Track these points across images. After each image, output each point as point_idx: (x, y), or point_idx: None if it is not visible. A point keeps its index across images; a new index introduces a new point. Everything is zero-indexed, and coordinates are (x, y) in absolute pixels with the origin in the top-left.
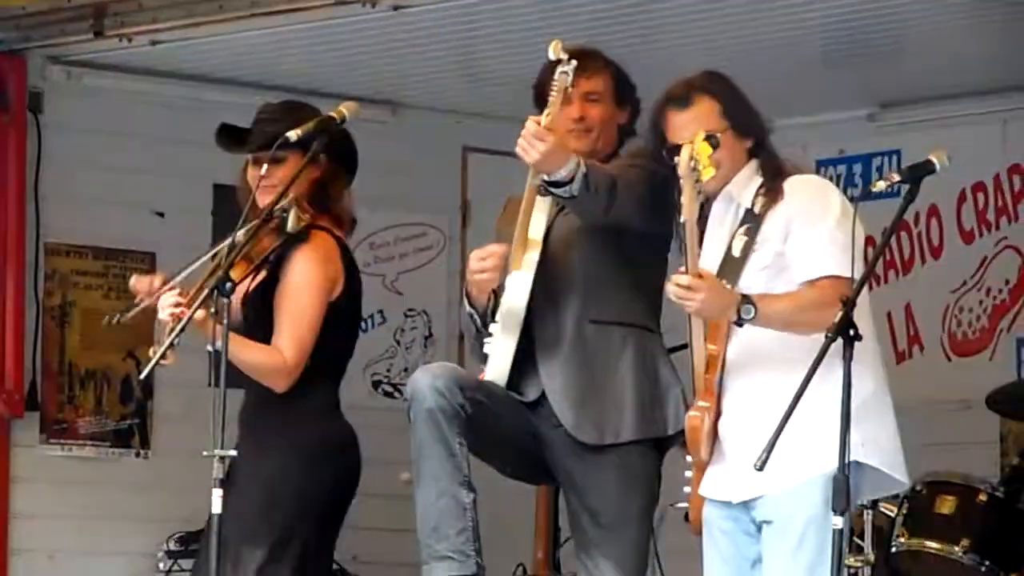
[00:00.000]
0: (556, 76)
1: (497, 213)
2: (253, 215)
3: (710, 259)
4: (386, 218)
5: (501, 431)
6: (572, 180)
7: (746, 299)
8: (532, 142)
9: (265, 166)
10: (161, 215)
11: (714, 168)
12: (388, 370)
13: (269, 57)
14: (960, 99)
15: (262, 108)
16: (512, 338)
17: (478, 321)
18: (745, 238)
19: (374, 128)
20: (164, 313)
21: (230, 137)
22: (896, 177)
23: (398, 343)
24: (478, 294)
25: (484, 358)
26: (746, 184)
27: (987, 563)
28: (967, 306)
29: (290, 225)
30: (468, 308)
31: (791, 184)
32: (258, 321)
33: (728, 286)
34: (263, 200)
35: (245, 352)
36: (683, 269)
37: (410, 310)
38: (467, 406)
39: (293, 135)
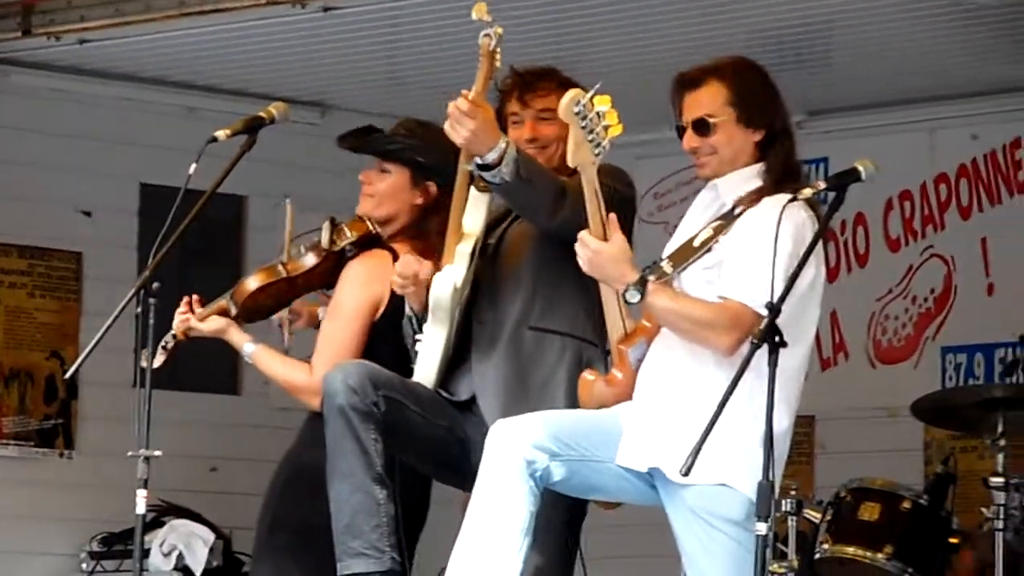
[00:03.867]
0: (480, 40)
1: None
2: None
3: (677, 240)
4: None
5: (420, 432)
6: (501, 163)
7: (640, 282)
8: (460, 119)
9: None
10: (88, 214)
11: (619, 128)
12: None
13: (198, 57)
14: (888, 108)
15: (400, 120)
16: (441, 331)
17: (414, 323)
18: (711, 233)
19: (303, 129)
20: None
21: (354, 136)
22: (822, 185)
23: None
24: (410, 297)
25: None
26: (738, 186)
27: (910, 570)
28: (893, 314)
29: (324, 240)
30: (408, 312)
31: (770, 201)
32: None
33: (670, 268)
34: (360, 207)
35: (272, 366)
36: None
37: None
38: (380, 403)
39: (222, 134)
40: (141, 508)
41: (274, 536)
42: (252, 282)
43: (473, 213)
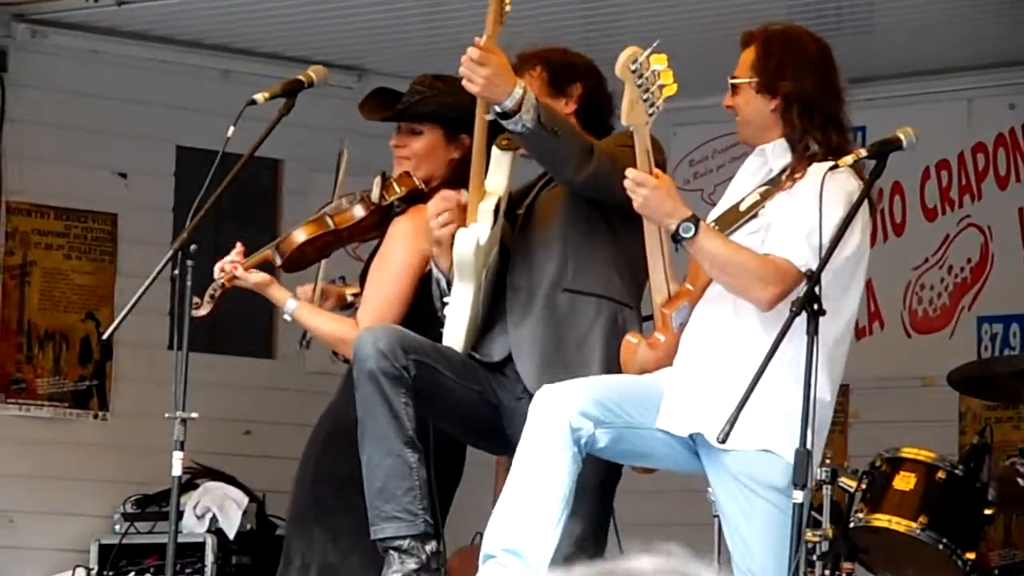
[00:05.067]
0: None
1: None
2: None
3: (724, 204)
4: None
5: (452, 396)
6: (520, 109)
7: (693, 218)
8: (472, 67)
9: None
10: (124, 176)
11: (674, 88)
12: None
13: (234, 20)
14: (926, 77)
15: (417, 78)
16: (468, 290)
17: (443, 284)
18: (758, 198)
19: (339, 93)
20: (216, 268)
21: (376, 103)
22: (863, 153)
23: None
24: (440, 253)
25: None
26: (784, 153)
27: (944, 540)
28: (928, 283)
29: (374, 195)
30: (435, 272)
31: (817, 168)
32: None
33: (726, 231)
34: (397, 169)
35: (316, 321)
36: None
37: None
38: (410, 368)
39: (260, 97)
40: (177, 470)
41: (318, 488)
42: (300, 234)
43: (495, 173)
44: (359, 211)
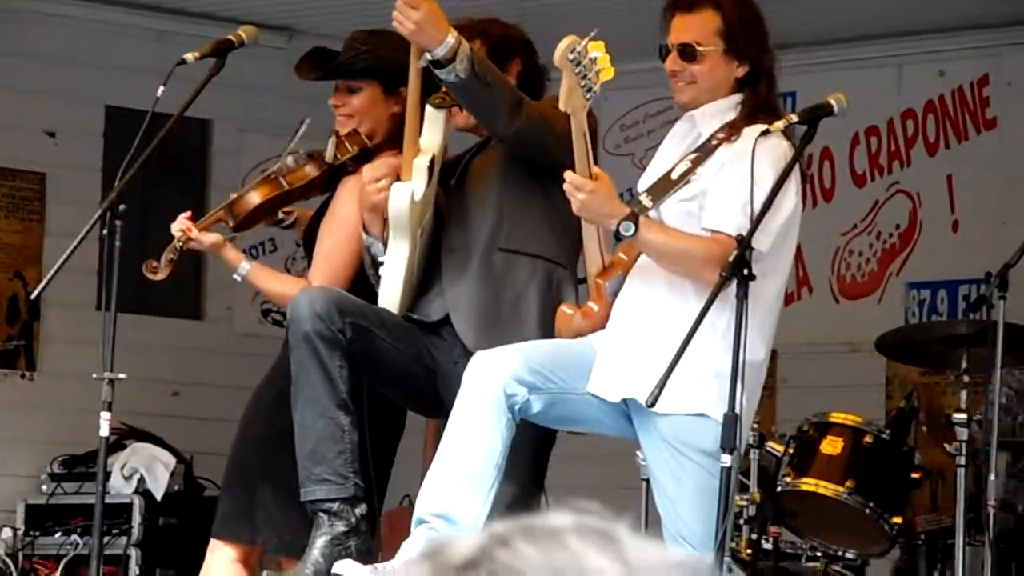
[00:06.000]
0: None
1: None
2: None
3: (653, 172)
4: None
5: (388, 359)
6: (455, 59)
7: (632, 216)
8: (404, 9)
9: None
10: (52, 135)
11: (611, 72)
12: None
13: None
14: (856, 43)
15: (351, 35)
16: (403, 248)
17: (373, 250)
18: (689, 165)
19: (270, 53)
20: (173, 228)
21: (311, 63)
22: (794, 118)
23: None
24: (372, 219)
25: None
26: (714, 117)
27: (871, 504)
28: (857, 249)
29: (328, 155)
30: (366, 238)
31: (750, 132)
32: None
33: (649, 202)
34: (340, 129)
35: (268, 282)
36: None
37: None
38: (347, 330)
39: (190, 57)
40: (105, 431)
41: (268, 446)
42: (255, 196)
43: (429, 131)
44: (311, 170)
